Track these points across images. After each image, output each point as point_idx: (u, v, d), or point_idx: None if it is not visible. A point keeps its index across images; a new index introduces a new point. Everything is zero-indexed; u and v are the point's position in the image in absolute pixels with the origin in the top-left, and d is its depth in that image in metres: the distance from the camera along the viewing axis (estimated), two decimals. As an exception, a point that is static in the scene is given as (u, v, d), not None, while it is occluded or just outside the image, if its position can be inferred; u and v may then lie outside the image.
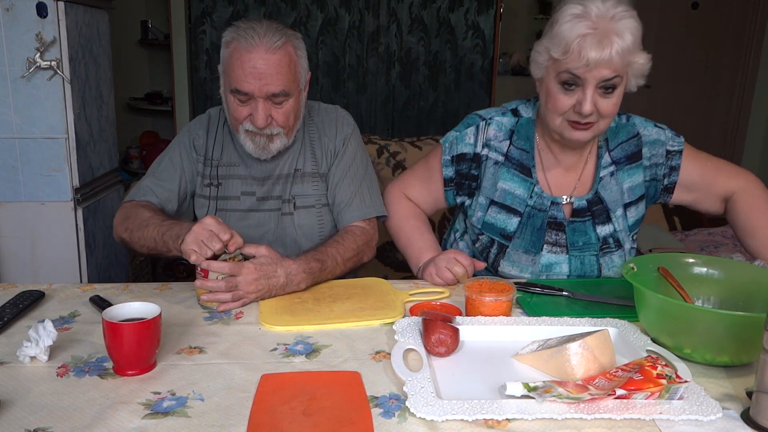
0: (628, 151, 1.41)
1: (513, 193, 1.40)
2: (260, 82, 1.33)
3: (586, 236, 1.40)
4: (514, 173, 1.41)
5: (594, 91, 1.23)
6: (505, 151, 1.41)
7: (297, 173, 1.50)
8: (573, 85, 1.24)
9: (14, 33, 2.09)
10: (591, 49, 1.18)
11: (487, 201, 1.42)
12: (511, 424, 0.84)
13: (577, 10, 1.21)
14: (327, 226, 1.52)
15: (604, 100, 1.25)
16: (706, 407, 0.86)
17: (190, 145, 1.51)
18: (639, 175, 1.41)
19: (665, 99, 4.96)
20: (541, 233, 1.39)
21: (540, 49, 1.28)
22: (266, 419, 0.85)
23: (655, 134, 1.42)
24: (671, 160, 1.42)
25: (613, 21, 1.20)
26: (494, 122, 1.42)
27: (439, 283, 1.36)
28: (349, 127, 1.55)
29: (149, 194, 1.46)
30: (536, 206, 1.40)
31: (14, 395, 0.90)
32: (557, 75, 1.24)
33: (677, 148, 1.42)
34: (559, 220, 1.39)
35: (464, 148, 1.43)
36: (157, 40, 4.41)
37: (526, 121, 1.42)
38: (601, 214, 1.40)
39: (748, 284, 1.13)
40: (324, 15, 3.79)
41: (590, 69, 1.20)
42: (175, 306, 1.23)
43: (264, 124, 1.37)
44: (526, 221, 1.40)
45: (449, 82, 3.97)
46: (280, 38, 1.34)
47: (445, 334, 1.01)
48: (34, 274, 2.26)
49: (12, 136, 2.16)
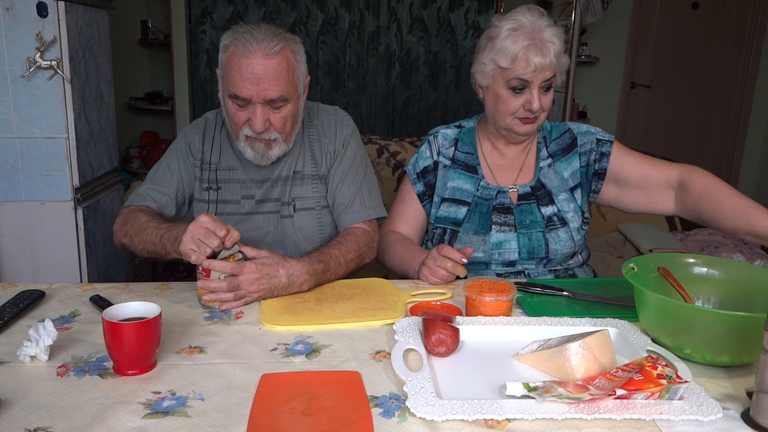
0: (563, 144, 1.58)
1: (461, 188, 1.57)
2: (258, 88, 1.32)
3: (533, 215, 1.53)
4: (460, 172, 1.58)
5: (538, 91, 1.45)
6: (451, 155, 1.60)
7: (297, 175, 1.50)
8: (521, 88, 1.44)
9: (14, 32, 2.09)
10: (535, 56, 1.40)
11: (439, 199, 1.58)
12: (511, 424, 0.84)
13: (512, 24, 1.43)
14: (327, 227, 1.52)
15: (545, 96, 1.47)
16: (707, 407, 0.86)
17: (186, 150, 1.51)
18: (575, 161, 1.56)
19: (665, 98, 4.96)
20: (488, 216, 1.53)
21: (485, 60, 1.47)
22: (266, 419, 0.85)
23: (585, 128, 1.58)
24: (601, 147, 1.54)
25: (543, 31, 1.42)
26: (440, 134, 1.63)
27: (436, 283, 1.36)
28: (348, 128, 1.55)
29: (147, 199, 1.47)
30: (482, 196, 1.55)
31: (14, 395, 0.90)
32: (506, 82, 1.45)
33: (607, 138, 1.55)
34: (506, 204, 1.54)
35: (425, 162, 1.61)
36: (157, 39, 4.41)
37: (468, 129, 1.63)
38: (544, 197, 1.54)
39: (748, 284, 1.13)
40: (324, 15, 3.79)
41: (536, 73, 1.42)
42: (175, 306, 1.23)
43: (262, 128, 1.36)
44: (473, 208, 1.55)
45: (449, 82, 3.97)
46: (278, 43, 1.33)
47: (445, 334, 1.01)
48: (34, 273, 2.26)
49: (12, 136, 2.16)
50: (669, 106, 4.98)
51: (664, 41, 4.86)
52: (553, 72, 1.44)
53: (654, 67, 4.91)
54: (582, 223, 1.55)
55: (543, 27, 1.42)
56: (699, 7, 4.81)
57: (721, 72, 4.93)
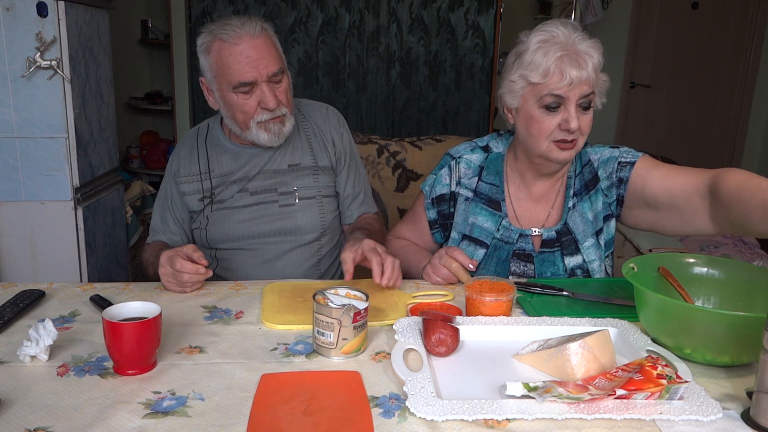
0: (585, 179, 1.43)
1: (481, 226, 1.45)
2: (259, 67, 1.39)
3: (554, 267, 1.41)
4: (482, 207, 1.46)
5: (576, 109, 1.28)
6: (474, 187, 1.47)
7: (296, 167, 1.55)
8: (556, 106, 1.28)
9: (14, 32, 2.09)
10: (571, 68, 1.25)
11: (459, 236, 1.48)
12: (511, 424, 0.84)
13: (543, 36, 1.29)
14: (328, 216, 1.57)
15: (583, 116, 1.30)
16: (707, 407, 0.86)
17: (173, 181, 1.57)
18: (599, 200, 1.41)
19: (665, 99, 4.96)
20: (506, 264, 1.42)
21: (514, 78, 1.32)
22: (266, 419, 0.85)
23: (608, 154, 1.42)
24: (620, 171, 1.37)
25: (578, 43, 1.28)
26: (463, 160, 1.48)
27: (437, 282, 1.36)
28: (340, 119, 1.64)
29: (159, 234, 1.58)
30: (503, 238, 1.43)
31: (14, 395, 0.90)
32: (539, 100, 1.29)
33: (629, 159, 1.37)
34: (527, 251, 1.42)
35: (441, 189, 1.50)
36: (157, 39, 4.41)
37: (496, 156, 1.48)
38: (570, 245, 1.41)
39: (748, 284, 1.13)
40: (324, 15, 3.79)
41: (573, 87, 1.26)
42: (176, 305, 1.23)
43: (275, 103, 1.42)
44: (491, 252, 1.44)
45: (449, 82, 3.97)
46: (256, 24, 1.42)
47: (445, 334, 1.01)
48: (34, 273, 2.26)
49: (12, 136, 2.16)
50: (669, 106, 4.98)
51: (664, 41, 4.86)
52: (591, 88, 1.28)
53: (654, 67, 4.91)
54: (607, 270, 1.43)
55: (578, 39, 1.28)
56: (699, 7, 4.81)
57: (721, 72, 4.93)
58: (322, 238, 1.57)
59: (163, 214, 1.58)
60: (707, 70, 4.92)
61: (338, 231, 1.64)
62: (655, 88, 4.95)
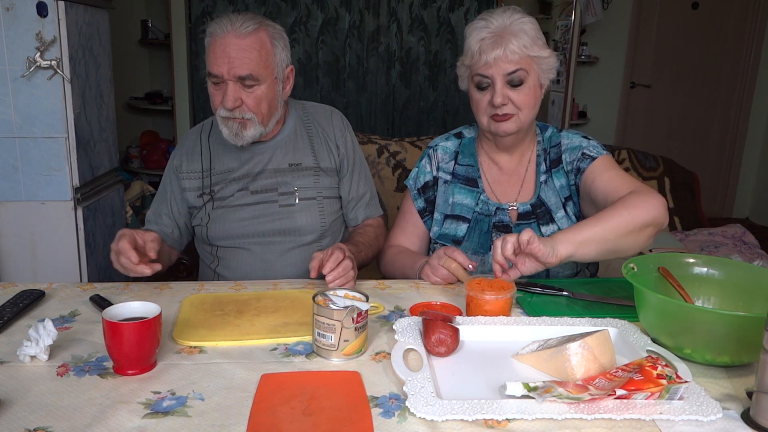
0: (553, 157, 1.52)
1: (462, 203, 1.53)
2: (228, 65, 1.38)
3: None
4: (461, 186, 1.54)
5: (503, 86, 1.39)
6: (451, 170, 1.56)
7: (297, 167, 1.55)
8: (486, 85, 1.40)
9: (14, 32, 2.09)
10: (492, 49, 1.36)
11: (441, 216, 1.54)
12: (511, 424, 0.84)
13: (481, 23, 1.40)
14: (328, 218, 1.57)
15: (514, 92, 1.40)
16: (707, 407, 0.86)
17: (175, 176, 1.57)
18: (563, 178, 1.50)
19: (665, 99, 4.96)
20: (488, 235, 1.49)
21: (459, 64, 1.47)
22: (266, 419, 0.85)
23: (577, 142, 1.49)
24: (581, 162, 1.45)
25: (510, 26, 1.37)
26: (440, 147, 1.59)
27: (436, 282, 1.36)
28: (344, 122, 1.64)
29: (151, 225, 1.57)
30: (482, 212, 1.51)
31: (14, 395, 0.90)
32: (472, 80, 1.43)
33: (593, 154, 1.44)
34: (505, 223, 1.49)
35: (425, 177, 1.58)
36: (157, 39, 4.41)
37: (469, 140, 1.59)
38: (544, 215, 1.49)
39: (748, 284, 1.13)
40: (324, 15, 3.79)
41: (491, 66, 1.37)
42: (176, 305, 1.23)
43: (232, 105, 1.41)
44: (473, 226, 1.51)
45: (449, 82, 3.98)
46: (252, 25, 1.40)
47: (445, 334, 1.01)
48: (34, 273, 2.26)
49: (12, 136, 2.16)
50: (669, 106, 4.98)
51: (664, 41, 4.86)
52: (518, 66, 1.37)
53: (654, 67, 4.91)
54: None
55: (510, 21, 1.37)
56: (699, 7, 4.81)
57: (721, 72, 4.93)
58: (323, 240, 1.57)
59: (159, 207, 1.59)
60: (707, 70, 4.92)
61: (340, 233, 1.63)
62: (655, 88, 4.95)
